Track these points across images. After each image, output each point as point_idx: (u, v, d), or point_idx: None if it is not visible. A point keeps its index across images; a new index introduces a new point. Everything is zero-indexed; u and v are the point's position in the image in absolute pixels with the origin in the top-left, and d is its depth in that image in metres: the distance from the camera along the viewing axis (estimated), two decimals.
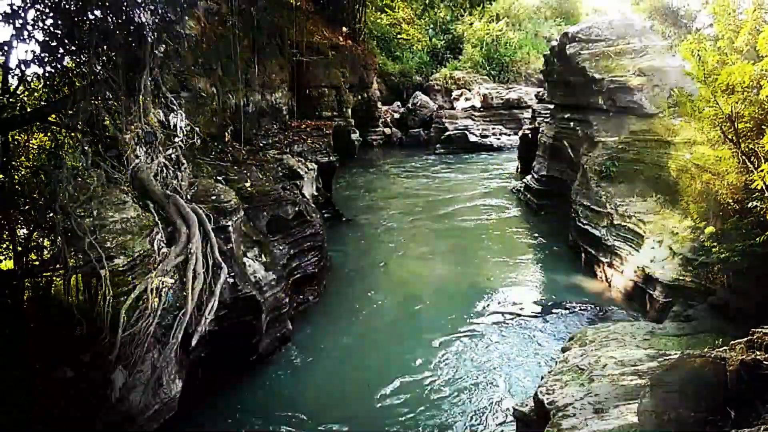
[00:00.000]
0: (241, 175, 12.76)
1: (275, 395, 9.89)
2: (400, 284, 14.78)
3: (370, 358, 11.22)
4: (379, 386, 10.15)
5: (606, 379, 4.82)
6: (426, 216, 20.98)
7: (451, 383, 10.19)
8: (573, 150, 17.85)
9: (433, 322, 12.61)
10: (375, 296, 14.00)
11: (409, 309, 13.49)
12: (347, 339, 11.88)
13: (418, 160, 31.90)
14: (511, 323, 12.43)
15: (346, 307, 13.34)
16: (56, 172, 7.27)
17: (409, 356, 11.03)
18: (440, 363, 10.83)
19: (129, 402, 6.59)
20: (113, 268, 6.90)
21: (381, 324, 12.68)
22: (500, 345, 11.52)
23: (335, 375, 10.65)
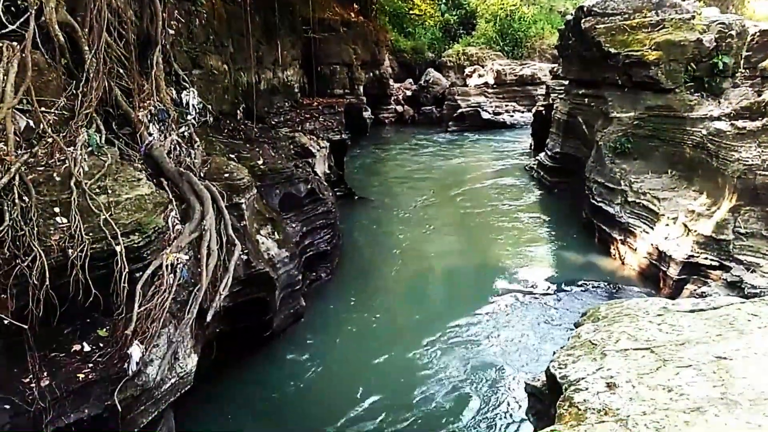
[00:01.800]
0: (253, 153, 12.77)
1: (288, 370, 10.01)
2: (413, 262, 14.81)
3: (382, 335, 11.30)
4: (391, 362, 10.24)
5: (618, 354, 4.81)
6: (438, 194, 20.94)
7: (463, 359, 10.25)
8: (587, 126, 17.68)
9: (445, 300, 12.67)
10: (387, 274, 14.06)
11: (421, 287, 13.54)
12: (360, 316, 11.97)
13: (431, 137, 31.75)
14: (523, 301, 12.44)
15: (359, 285, 13.42)
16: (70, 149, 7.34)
17: (422, 334, 11.09)
18: (452, 339, 10.89)
19: (146, 376, 6.69)
20: (128, 245, 6.95)
21: (393, 301, 12.75)
22: (513, 322, 11.55)
23: (348, 351, 10.75)
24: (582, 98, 18.46)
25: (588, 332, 5.41)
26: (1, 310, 5.74)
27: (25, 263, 6.07)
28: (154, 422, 7.14)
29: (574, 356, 4.98)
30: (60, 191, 6.99)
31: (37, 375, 6.00)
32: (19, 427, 5.71)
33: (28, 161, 7.01)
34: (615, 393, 4.26)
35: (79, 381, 6.17)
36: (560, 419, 4.25)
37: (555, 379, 4.82)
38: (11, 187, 6.42)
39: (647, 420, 3.83)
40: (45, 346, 6.30)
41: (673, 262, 11.80)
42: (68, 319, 6.56)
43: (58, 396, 5.98)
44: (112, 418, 6.33)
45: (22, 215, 6.35)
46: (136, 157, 8.91)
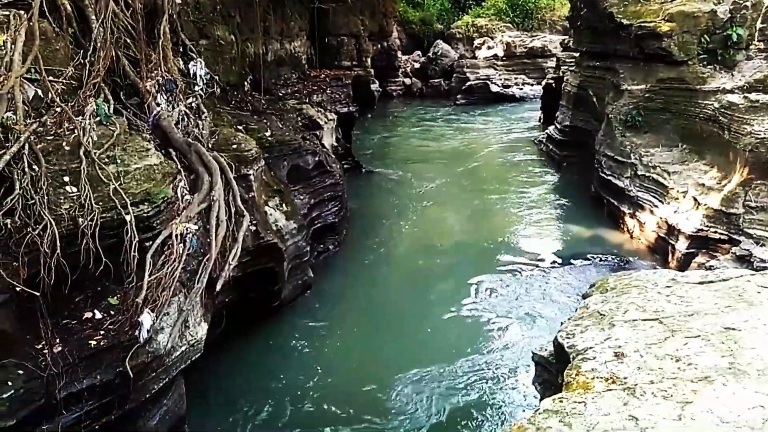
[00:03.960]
0: (261, 125, 12.72)
1: (297, 340, 10.12)
2: (420, 235, 14.83)
3: (389, 305, 11.38)
4: (398, 331, 10.33)
5: (627, 325, 4.82)
6: (446, 167, 20.86)
7: (470, 330, 10.32)
8: (598, 99, 17.48)
9: (452, 273, 12.70)
10: (395, 246, 14.09)
11: (428, 259, 13.57)
12: (367, 287, 12.04)
13: (439, 110, 31.53)
14: (531, 274, 12.47)
15: (366, 257, 13.47)
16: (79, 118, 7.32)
17: (429, 305, 11.16)
18: (459, 312, 10.95)
19: (157, 343, 6.78)
20: (138, 214, 6.98)
21: (400, 273, 12.81)
22: (520, 294, 11.59)
23: (356, 320, 10.85)
24: (593, 70, 18.23)
25: (596, 303, 5.42)
26: (14, 278, 5.80)
27: (36, 231, 6.11)
28: (165, 389, 7.26)
29: (582, 326, 5.00)
30: (69, 160, 7.00)
31: (50, 341, 6.08)
32: (32, 391, 5.81)
33: (37, 130, 7.01)
34: (623, 362, 4.28)
35: (91, 348, 6.26)
36: (567, 387, 4.27)
37: (563, 349, 4.84)
38: (21, 156, 6.43)
39: (655, 388, 3.85)
40: (57, 313, 6.38)
41: (682, 236, 11.76)
42: (79, 287, 6.62)
43: (71, 362, 6.07)
44: (124, 384, 6.43)
45: (32, 184, 6.37)
46: (144, 127, 8.90)
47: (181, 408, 7.79)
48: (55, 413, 6.03)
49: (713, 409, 3.51)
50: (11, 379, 5.68)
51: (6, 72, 6.93)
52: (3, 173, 6.23)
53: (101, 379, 6.29)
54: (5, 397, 5.57)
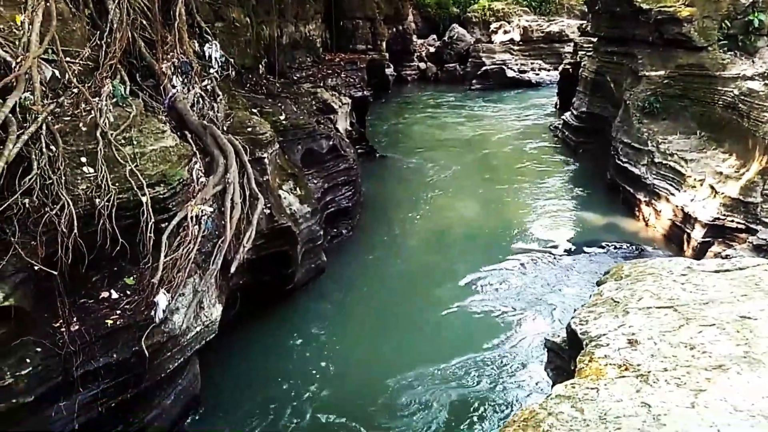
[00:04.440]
0: (275, 108, 12.73)
1: (310, 322, 10.19)
2: (433, 220, 14.82)
3: (402, 291, 11.40)
4: (410, 318, 10.35)
5: (641, 312, 4.80)
6: (460, 153, 20.77)
7: (482, 316, 10.33)
8: (615, 85, 17.28)
9: (465, 258, 12.69)
10: (408, 232, 14.09)
11: (441, 245, 13.57)
12: (379, 272, 12.07)
13: (454, 95, 31.31)
14: (544, 260, 12.42)
15: (379, 242, 13.49)
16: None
17: (441, 290, 11.17)
18: (471, 297, 10.95)
19: (172, 323, 6.87)
20: (154, 196, 7.04)
21: (413, 259, 12.81)
22: (533, 281, 11.57)
23: (369, 303, 10.90)
24: (611, 56, 18.00)
25: (610, 290, 5.40)
26: (32, 257, 5.88)
27: (54, 211, 6.18)
28: (180, 368, 7.37)
29: (596, 313, 4.99)
30: (86, 141, 7.05)
31: (67, 320, 6.18)
32: (50, 369, 5.93)
33: (55, 111, 7.06)
34: (636, 349, 4.27)
35: (108, 327, 6.35)
36: (580, 374, 4.27)
37: (576, 335, 4.83)
38: (39, 137, 6.49)
39: (668, 376, 3.84)
40: (74, 292, 6.47)
41: (698, 224, 11.65)
42: (96, 267, 6.71)
43: (88, 341, 6.17)
44: (140, 363, 6.53)
45: (50, 164, 6.43)
46: (160, 109, 8.95)
47: (195, 388, 7.91)
48: (72, 391, 6.15)
49: (727, 398, 3.50)
50: (29, 356, 5.79)
51: (24, 52, 6.97)
52: (21, 153, 6.29)
53: (117, 358, 6.39)
54: (24, 374, 5.68)
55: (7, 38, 7.16)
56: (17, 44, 7.12)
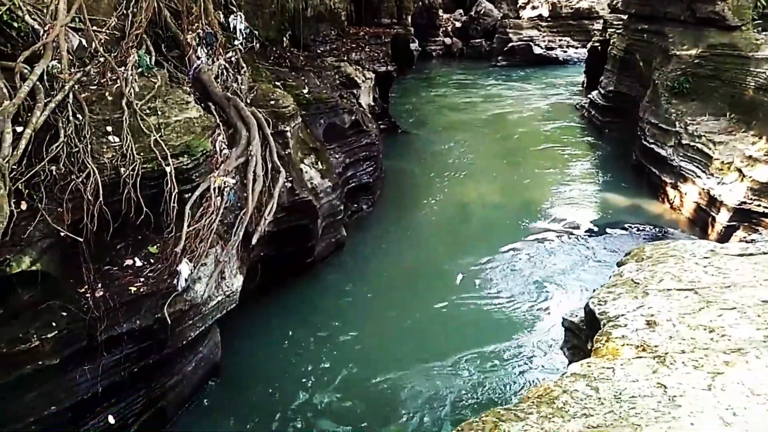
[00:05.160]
0: (298, 81, 12.71)
1: (329, 295, 10.29)
2: (454, 198, 14.77)
3: (420, 267, 11.43)
4: (428, 294, 10.39)
5: (661, 294, 4.76)
6: (483, 131, 20.60)
7: (500, 292, 10.34)
8: (645, 64, 16.92)
9: (485, 237, 12.66)
10: (428, 208, 14.08)
11: (461, 222, 13.54)
12: (399, 248, 12.10)
13: (479, 72, 30.92)
14: (565, 240, 12.35)
15: (399, 218, 13.50)
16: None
17: (460, 268, 11.16)
18: (490, 275, 10.95)
19: (194, 292, 6.99)
20: (178, 166, 7.13)
21: (433, 235, 12.81)
22: (553, 260, 11.51)
23: (387, 276, 10.97)
24: (641, 34, 17.60)
25: (631, 271, 5.36)
26: (58, 223, 6.00)
27: (80, 179, 6.29)
28: (201, 336, 7.52)
29: (615, 293, 4.96)
30: (112, 111, 7.14)
31: (92, 286, 6.31)
32: (74, 333, 6.08)
33: (81, 80, 7.15)
34: (654, 331, 4.25)
35: (131, 294, 6.49)
36: (596, 353, 4.27)
37: (594, 315, 4.82)
38: (65, 105, 6.58)
39: (686, 358, 3.82)
40: (99, 259, 6.60)
41: (724, 208, 11.46)
42: (121, 235, 6.83)
43: (112, 306, 6.31)
44: (162, 330, 6.68)
45: (77, 133, 6.53)
46: (184, 80, 9.00)
47: (216, 356, 8.08)
48: (96, 355, 6.32)
49: (744, 381, 3.48)
50: (55, 320, 5.94)
51: (51, 20, 7.04)
52: (48, 121, 6.39)
53: (140, 324, 6.53)
54: (50, 337, 5.84)
55: (35, 6, 7.23)
56: (45, 12, 7.19)
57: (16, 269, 5.52)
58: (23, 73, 6.57)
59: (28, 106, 6.38)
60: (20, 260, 5.57)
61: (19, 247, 5.62)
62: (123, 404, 6.70)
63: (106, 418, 6.50)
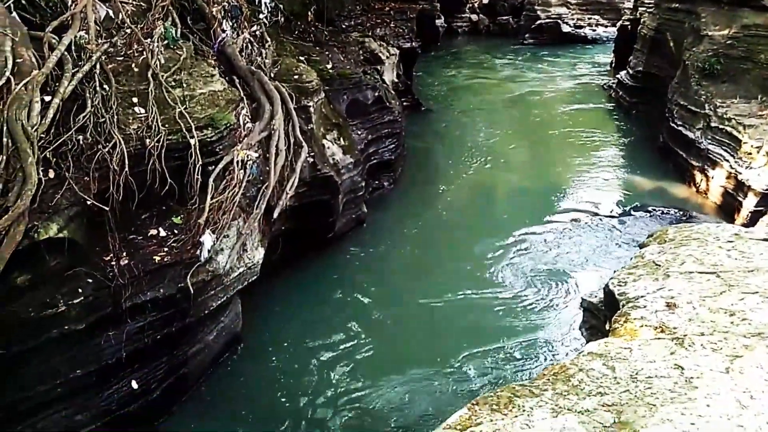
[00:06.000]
0: (322, 57, 12.67)
1: (349, 270, 10.37)
2: (476, 178, 14.68)
3: (440, 245, 11.45)
4: (447, 271, 10.41)
5: (682, 276, 4.72)
6: (508, 110, 20.37)
7: (519, 271, 10.32)
8: (675, 44, 16.53)
9: (507, 218, 12.59)
10: (449, 187, 14.01)
11: (482, 203, 13.48)
12: (419, 226, 12.10)
13: (505, 50, 30.46)
14: (588, 221, 12.25)
15: (420, 196, 13.48)
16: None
17: (479, 249, 11.14)
18: (510, 252, 10.93)
19: (216, 263, 7.11)
20: (202, 138, 7.20)
21: (453, 216, 12.78)
22: (574, 240, 11.44)
23: (406, 256, 11.00)
24: (673, 13, 17.17)
25: (653, 253, 5.32)
26: (85, 192, 6.11)
27: (106, 149, 6.39)
28: (223, 307, 7.65)
29: (636, 275, 4.94)
30: (138, 82, 7.21)
31: (117, 254, 6.45)
32: (100, 300, 6.22)
33: (108, 51, 7.21)
34: (674, 313, 4.23)
35: (155, 263, 6.61)
36: (614, 333, 4.27)
37: (613, 296, 4.81)
38: (92, 75, 6.66)
39: (705, 341, 3.80)
40: (124, 228, 6.73)
41: (751, 193, 11.24)
42: (145, 205, 6.94)
43: (136, 275, 6.45)
44: (185, 299, 6.81)
45: (103, 103, 6.62)
46: (209, 53, 9.02)
47: (237, 326, 8.22)
48: (120, 322, 6.47)
49: (763, 365, 3.46)
50: (81, 287, 6.08)
51: None
52: (76, 91, 6.48)
53: (164, 293, 6.66)
54: (76, 303, 5.98)
55: None
56: None
57: (44, 236, 5.65)
58: (51, 43, 6.66)
59: (56, 75, 6.48)
60: (48, 227, 5.70)
61: (46, 214, 5.75)
62: (146, 370, 6.86)
63: (129, 383, 6.67)
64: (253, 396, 7.60)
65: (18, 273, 5.54)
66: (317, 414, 7.39)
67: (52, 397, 6.06)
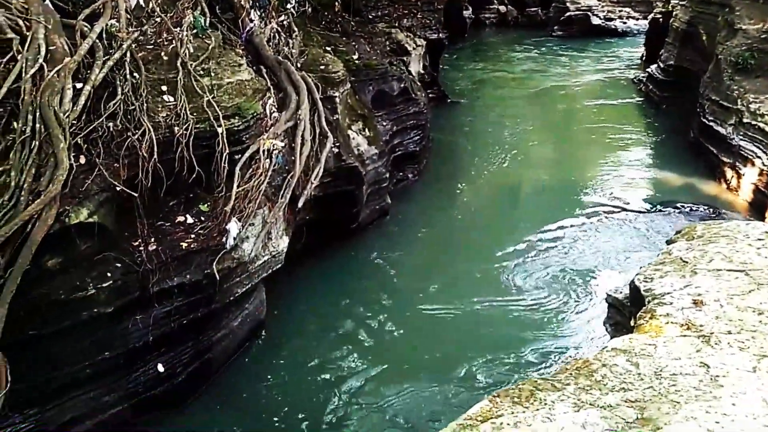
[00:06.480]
0: (349, 47, 12.65)
1: (372, 261, 10.40)
2: (502, 171, 14.57)
3: (464, 237, 11.43)
4: (470, 264, 10.38)
5: (710, 274, 4.65)
6: (535, 103, 20.15)
7: (544, 266, 10.26)
8: (708, 38, 16.19)
9: (532, 212, 12.50)
10: (474, 181, 13.94)
11: (507, 197, 13.40)
12: (443, 218, 12.09)
13: (533, 42, 30.07)
14: (615, 217, 12.11)
15: (445, 188, 13.44)
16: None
17: (505, 240, 11.08)
18: (535, 246, 10.86)
19: (242, 250, 7.20)
20: (229, 127, 7.27)
21: (477, 209, 12.72)
22: (602, 238, 11.32)
23: (429, 248, 11.01)
24: (706, 6, 16.79)
25: (680, 250, 5.24)
26: (115, 178, 6.22)
27: (136, 136, 6.49)
28: (248, 294, 7.76)
29: (662, 271, 4.87)
30: (167, 70, 7.30)
31: (145, 240, 6.56)
32: (128, 284, 6.35)
33: (138, 39, 7.31)
34: (701, 310, 4.17)
35: (182, 249, 6.72)
36: (639, 330, 4.22)
37: (639, 292, 4.75)
38: (123, 63, 6.76)
39: (732, 339, 3.75)
40: (152, 215, 6.85)
41: None
42: (173, 192, 7.05)
43: (164, 260, 6.57)
44: (210, 285, 6.91)
45: (133, 91, 6.71)
46: (237, 42, 9.09)
47: (261, 313, 8.33)
48: (148, 306, 6.60)
49: None
50: (110, 271, 6.21)
51: None
52: (107, 79, 6.59)
53: (190, 279, 6.78)
54: (104, 287, 6.12)
55: None
56: None
57: (75, 220, 5.79)
58: (83, 31, 6.77)
59: (88, 63, 6.59)
60: (78, 212, 5.83)
61: (77, 199, 5.88)
62: (172, 354, 6.99)
63: (155, 366, 6.81)
64: (275, 383, 7.69)
65: (49, 256, 5.68)
66: (333, 410, 7.40)
67: (81, 377, 6.23)
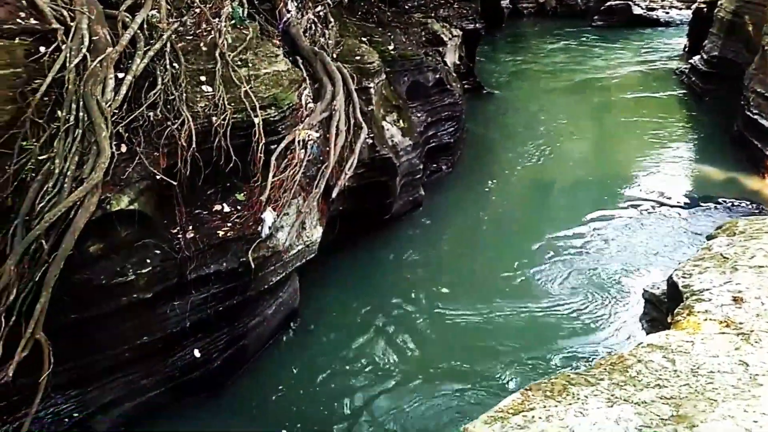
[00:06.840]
0: (384, 38, 12.64)
1: (405, 252, 10.42)
2: (538, 163, 14.39)
3: (498, 230, 11.35)
4: (503, 257, 10.31)
5: (751, 270, 4.53)
6: (574, 95, 19.81)
7: (580, 260, 10.14)
8: (754, 28, 15.65)
9: (569, 206, 12.31)
10: (509, 174, 13.80)
11: (543, 191, 13.22)
12: (476, 212, 12.01)
13: (572, 32, 29.52)
14: (654, 212, 11.86)
15: (479, 181, 13.33)
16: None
17: (538, 236, 10.94)
18: (571, 240, 10.73)
19: (276, 239, 7.30)
20: (266, 118, 7.35)
21: (513, 200, 12.61)
22: (640, 233, 11.10)
23: (463, 240, 10.97)
24: None
25: (721, 245, 5.12)
26: (155, 166, 6.37)
27: (175, 126, 6.62)
28: (282, 282, 7.86)
29: (702, 267, 4.77)
30: (206, 61, 7.41)
31: (184, 228, 6.70)
32: (166, 271, 6.50)
33: (178, 30, 7.43)
34: (741, 307, 4.08)
35: (219, 237, 6.85)
36: (676, 326, 4.15)
37: (677, 288, 4.66)
38: (163, 53, 6.89)
39: None
40: (190, 203, 6.98)
41: None
42: (211, 181, 7.17)
43: (201, 248, 6.70)
44: (246, 273, 7.03)
45: (173, 81, 6.84)
46: (274, 33, 9.17)
47: (294, 301, 8.44)
48: (185, 292, 6.76)
49: None
50: (150, 257, 6.37)
51: None
52: (147, 69, 6.72)
53: (227, 267, 6.91)
54: (144, 273, 6.28)
55: None
56: None
57: (116, 207, 5.95)
58: (125, 22, 6.92)
59: (129, 53, 6.74)
60: (119, 199, 6.00)
61: (118, 187, 6.04)
62: (208, 340, 7.14)
63: (192, 351, 6.97)
64: (308, 371, 7.79)
65: (91, 242, 5.87)
66: (363, 399, 7.45)
67: (121, 361, 6.43)
